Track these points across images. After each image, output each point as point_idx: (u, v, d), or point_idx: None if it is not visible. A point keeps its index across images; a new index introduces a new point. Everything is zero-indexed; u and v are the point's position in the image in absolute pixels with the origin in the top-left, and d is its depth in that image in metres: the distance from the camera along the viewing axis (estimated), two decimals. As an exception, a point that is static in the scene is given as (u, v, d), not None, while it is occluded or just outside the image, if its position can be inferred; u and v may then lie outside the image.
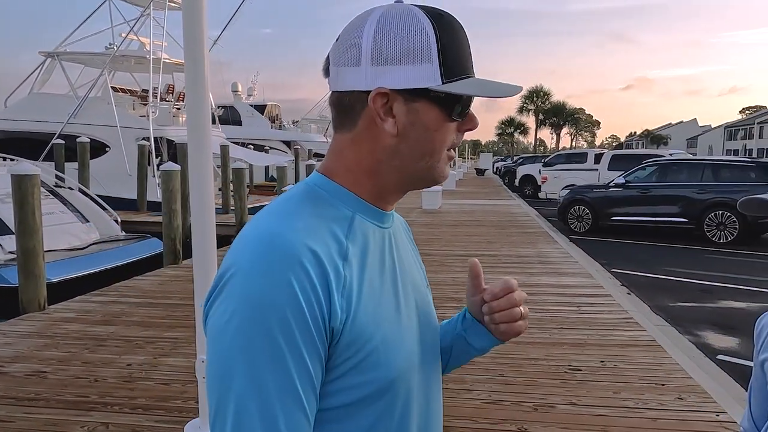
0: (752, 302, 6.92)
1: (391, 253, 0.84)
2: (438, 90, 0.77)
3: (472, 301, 0.97)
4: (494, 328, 0.93)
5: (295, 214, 0.76)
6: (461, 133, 0.83)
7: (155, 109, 16.96)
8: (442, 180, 0.84)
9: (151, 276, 7.68)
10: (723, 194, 11.41)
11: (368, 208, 0.83)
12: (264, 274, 0.70)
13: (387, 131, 0.78)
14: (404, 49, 0.76)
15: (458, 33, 0.79)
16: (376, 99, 0.77)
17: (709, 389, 3.81)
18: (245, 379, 0.68)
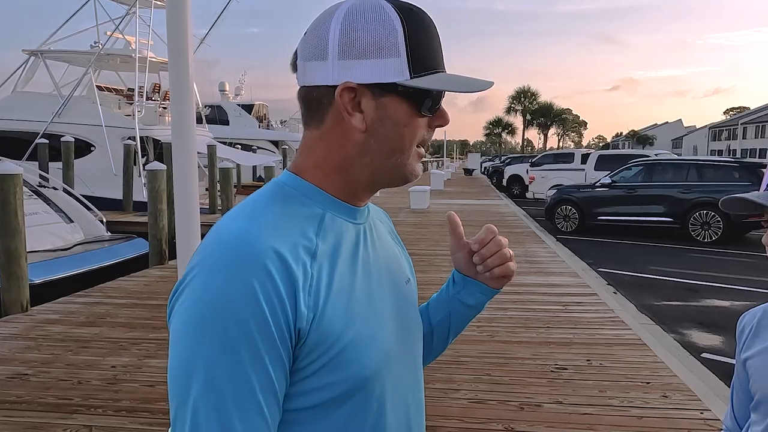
0: (736, 301, 7.00)
1: (365, 249, 0.83)
2: (406, 85, 0.76)
3: (456, 257, 0.99)
4: (488, 276, 0.96)
5: (261, 214, 0.75)
6: (432, 130, 0.82)
7: (141, 109, 16.79)
8: (413, 178, 0.83)
9: (136, 276, 7.61)
10: (707, 194, 11.53)
11: (339, 204, 0.82)
12: (225, 277, 0.69)
13: (355, 126, 0.77)
14: (371, 43, 0.75)
15: (428, 28, 0.78)
16: (343, 93, 0.76)
17: (694, 387, 3.85)
18: (203, 384, 0.67)
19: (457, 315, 1.01)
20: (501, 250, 0.94)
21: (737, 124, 67.14)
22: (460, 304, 1.00)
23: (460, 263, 0.99)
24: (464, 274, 0.99)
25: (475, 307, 1.00)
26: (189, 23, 2.84)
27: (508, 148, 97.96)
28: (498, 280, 0.96)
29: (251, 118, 30.45)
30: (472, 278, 0.98)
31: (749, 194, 0.96)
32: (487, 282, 0.97)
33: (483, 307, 1.01)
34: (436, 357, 1.07)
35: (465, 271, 0.99)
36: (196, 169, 3.09)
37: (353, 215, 0.83)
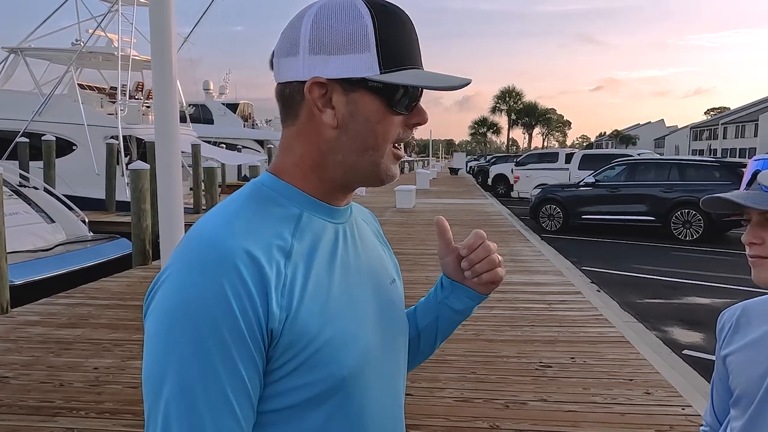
0: (716, 298, 7.11)
1: (345, 249, 0.83)
2: (375, 80, 0.75)
3: (445, 262, 0.98)
4: (476, 281, 0.95)
5: (236, 215, 0.76)
6: (409, 129, 0.81)
7: (124, 107, 16.61)
8: (389, 179, 0.82)
9: (119, 277, 7.53)
10: (689, 193, 11.69)
11: (317, 204, 0.81)
12: (196, 278, 0.69)
13: (326, 123, 0.77)
14: (341, 38, 0.75)
15: (401, 23, 0.78)
16: (313, 89, 0.76)
17: (675, 384, 3.90)
18: (175, 386, 0.67)
19: (445, 319, 1.01)
20: (489, 255, 0.93)
21: (718, 124, 68.18)
22: (448, 308, 0.99)
23: (448, 268, 0.98)
24: (452, 279, 0.98)
25: (462, 312, 0.99)
26: (172, 21, 2.81)
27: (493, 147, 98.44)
28: (486, 285, 0.96)
29: (236, 117, 30.28)
30: (460, 283, 0.97)
31: (729, 194, 0.97)
32: (475, 287, 0.97)
33: (471, 312, 1.00)
34: (424, 360, 1.07)
35: (453, 276, 0.98)
36: (179, 168, 3.07)
37: (332, 215, 0.83)
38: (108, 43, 17.90)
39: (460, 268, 0.96)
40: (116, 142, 15.05)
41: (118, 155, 15.00)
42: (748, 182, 0.99)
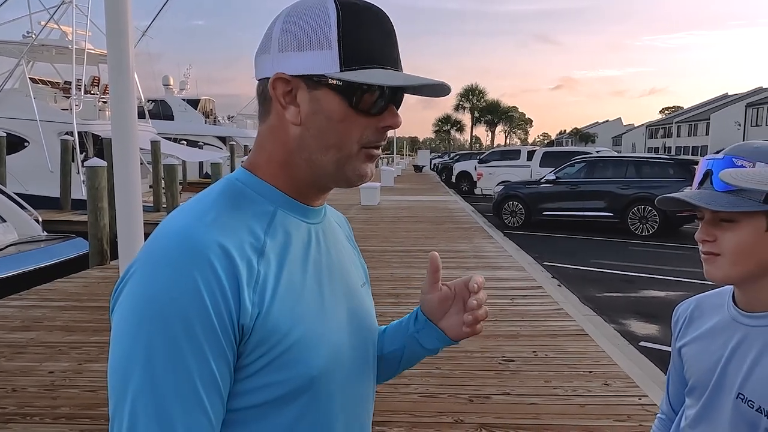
0: (671, 291, 7.35)
1: (318, 249, 0.83)
2: (335, 77, 0.74)
3: (426, 298, 0.94)
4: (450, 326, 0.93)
5: (209, 210, 0.75)
6: (381, 131, 0.79)
7: (79, 102, 16.08)
8: (358, 179, 0.80)
9: (76, 278, 7.30)
10: (645, 189, 12.06)
11: (291, 202, 0.81)
12: (168, 271, 0.68)
13: (289, 119, 0.77)
14: (304, 34, 0.75)
15: (371, 22, 0.76)
16: (276, 85, 0.76)
17: (632, 374, 4.02)
18: (143, 379, 0.66)
19: (410, 352, 0.99)
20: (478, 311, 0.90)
21: (672, 122, 70.46)
22: (417, 343, 0.97)
23: (428, 305, 0.95)
24: (428, 317, 0.96)
25: (429, 350, 0.98)
26: (129, 12, 2.73)
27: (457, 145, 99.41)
28: (462, 332, 0.93)
29: (197, 114, 29.72)
30: (434, 323, 0.95)
31: (682, 194, 1.00)
32: (448, 330, 0.94)
33: (438, 352, 0.98)
34: (379, 384, 1.04)
35: (430, 314, 0.95)
36: (138, 165, 2.99)
37: (306, 214, 0.83)
38: (62, 36, 17.29)
39: (440, 307, 0.93)
40: (71, 139, 14.58)
41: (73, 152, 14.52)
42: (700, 181, 1.01)
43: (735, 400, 0.97)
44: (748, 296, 1.00)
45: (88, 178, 8.57)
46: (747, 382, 0.96)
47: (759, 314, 0.98)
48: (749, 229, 0.94)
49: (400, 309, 5.65)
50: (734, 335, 1.01)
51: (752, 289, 0.99)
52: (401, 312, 5.54)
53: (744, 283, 0.99)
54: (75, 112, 15.52)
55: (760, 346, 0.96)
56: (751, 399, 0.95)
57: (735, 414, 0.97)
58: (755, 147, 0.98)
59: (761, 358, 0.95)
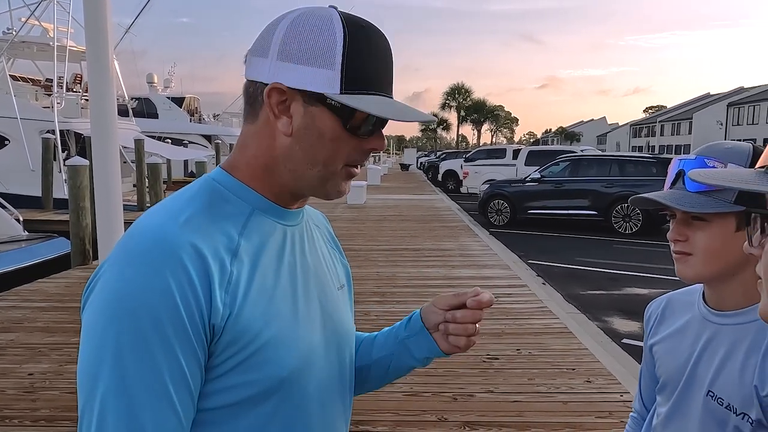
0: (654, 288, 7.44)
1: (293, 252, 0.83)
2: (335, 99, 0.75)
3: (433, 309, 0.93)
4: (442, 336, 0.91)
5: (184, 209, 0.75)
6: (366, 152, 0.80)
7: (61, 100, 15.87)
8: (336, 195, 0.82)
9: (57, 278, 7.20)
10: (628, 188, 12.18)
11: (268, 204, 0.81)
12: (139, 270, 0.68)
13: (280, 129, 0.77)
14: (309, 49, 0.75)
15: (375, 47, 0.77)
16: (272, 94, 0.76)
17: (614, 371, 4.06)
18: (112, 378, 0.66)
19: (399, 360, 0.97)
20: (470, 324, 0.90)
21: (656, 121, 71.27)
22: (406, 349, 0.95)
23: (431, 314, 0.93)
24: (424, 324, 0.94)
25: (418, 360, 0.95)
26: (108, 8, 2.70)
27: (443, 143, 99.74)
28: (450, 346, 0.92)
29: (182, 112, 29.47)
30: (430, 332, 0.93)
31: (654, 194, 1.01)
32: (440, 342, 0.92)
33: (425, 364, 0.96)
34: (368, 392, 1.04)
35: (428, 323, 0.93)
36: (118, 163, 2.96)
37: (283, 216, 0.83)
38: (43, 33, 17.05)
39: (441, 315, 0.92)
40: (53, 137, 14.38)
41: (55, 150, 14.33)
42: (672, 181, 1.02)
43: (705, 398, 0.98)
44: (718, 295, 1.01)
45: (69, 177, 8.47)
46: (716, 380, 0.97)
47: (728, 313, 0.99)
48: (720, 230, 0.95)
49: (385, 308, 5.65)
50: (704, 333, 1.02)
51: (722, 288, 1.00)
52: (386, 310, 5.54)
53: (714, 282, 1.00)
54: (57, 110, 15.31)
55: (729, 344, 0.97)
56: (721, 396, 0.96)
57: (705, 411, 0.98)
58: (727, 147, 0.99)
59: (730, 356, 0.96)
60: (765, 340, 0.92)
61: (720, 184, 0.56)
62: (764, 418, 0.90)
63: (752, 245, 0.57)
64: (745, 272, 0.95)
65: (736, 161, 0.96)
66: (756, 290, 0.60)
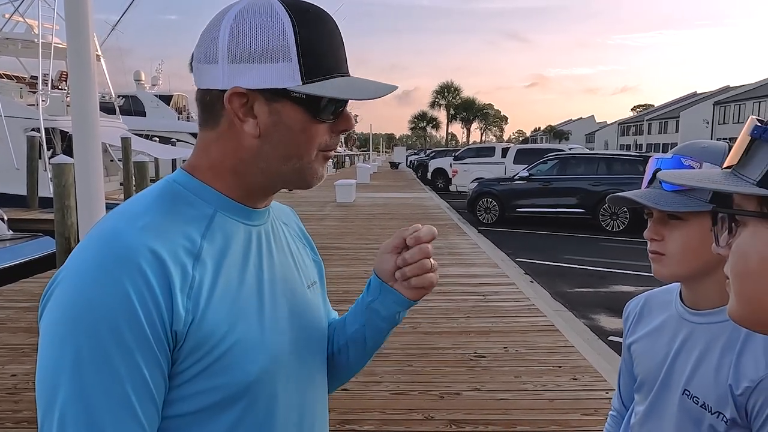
0: (640, 286, 7.49)
1: (259, 252, 0.81)
2: (298, 91, 0.73)
3: (383, 258, 0.89)
4: (405, 285, 0.87)
5: (143, 213, 0.73)
6: (336, 134, 0.79)
7: (46, 98, 15.70)
8: (316, 182, 0.80)
9: (42, 278, 7.11)
10: (615, 186, 12.23)
11: (232, 205, 0.79)
12: (96, 276, 0.66)
13: (248, 132, 0.75)
14: (260, 46, 0.73)
15: (325, 28, 0.75)
16: (233, 99, 0.74)
17: (600, 369, 4.08)
18: (71, 388, 0.64)
19: (372, 327, 0.92)
20: (423, 259, 0.85)
21: (643, 120, 71.81)
22: (375, 313, 0.90)
23: (383, 264, 0.89)
24: (382, 279, 0.89)
25: (388, 318, 0.90)
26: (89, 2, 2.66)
27: (433, 141, 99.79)
28: (415, 290, 0.87)
29: (169, 110, 29.27)
30: (389, 285, 0.89)
31: (631, 193, 1.01)
32: (403, 291, 0.88)
33: (398, 319, 0.91)
34: (355, 373, 1.01)
35: (384, 275, 0.89)
36: (100, 162, 2.93)
37: (248, 217, 0.81)
38: (27, 30, 16.85)
39: (395, 268, 0.88)
40: (38, 135, 14.22)
41: (40, 149, 14.17)
42: (649, 180, 1.03)
43: (681, 397, 0.99)
44: (694, 294, 1.01)
45: (54, 176, 8.38)
46: (692, 379, 0.97)
47: (704, 312, 1.00)
48: (696, 228, 0.96)
49: (373, 306, 5.64)
50: (681, 332, 1.02)
51: (698, 287, 1.00)
52: (374, 309, 5.53)
53: (690, 281, 1.01)
54: (42, 107, 15.14)
55: (705, 343, 0.98)
56: (696, 395, 0.96)
57: (681, 410, 0.99)
58: (703, 147, 1.00)
59: (706, 355, 0.97)
60: (740, 339, 0.92)
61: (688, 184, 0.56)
62: (738, 416, 0.91)
63: (719, 245, 0.57)
64: (720, 271, 0.96)
65: (711, 160, 0.97)
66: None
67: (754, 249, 0.52)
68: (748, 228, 0.52)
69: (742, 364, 0.91)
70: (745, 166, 0.53)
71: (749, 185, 0.51)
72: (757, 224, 0.51)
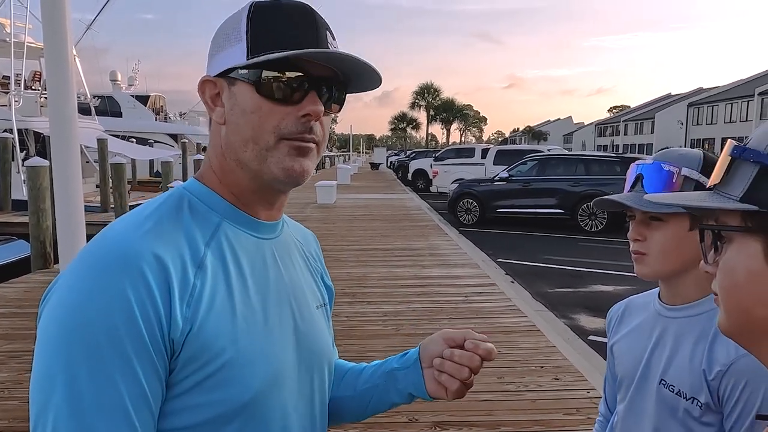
0: (619, 286, 7.60)
1: (265, 266, 0.79)
2: (241, 66, 0.74)
3: (435, 340, 0.87)
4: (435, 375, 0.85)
5: (149, 218, 0.73)
6: (301, 121, 0.74)
7: (18, 98, 15.36)
8: (285, 174, 0.74)
9: (16, 283, 6.97)
10: (593, 187, 12.43)
11: (238, 214, 0.78)
12: (96, 279, 0.66)
13: (216, 121, 0.77)
14: (221, 36, 0.78)
15: (285, 11, 0.74)
16: (204, 88, 0.78)
17: (581, 368, 4.13)
18: (65, 393, 0.63)
19: (382, 393, 0.91)
20: (466, 367, 0.83)
21: (620, 121, 72.87)
22: (393, 381, 0.89)
23: (431, 345, 0.87)
24: (422, 355, 0.88)
25: (400, 393, 0.89)
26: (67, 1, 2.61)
27: (413, 142, 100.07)
28: (438, 387, 0.85)
29: (147, 110, 28.87)
30: (423, 366, 0.87)
31: (616, 196, 1.08)
32: (428, 381, 0.86)
33: (408, 400, 0.90)
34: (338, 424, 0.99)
35: (425, 354, 0.87)
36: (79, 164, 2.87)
37: (256, 228, 0.79)
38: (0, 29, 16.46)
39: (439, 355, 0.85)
40: (10, 136, 13.89)
41: (13, 150, 13.85)
42: (632, 185, 1.09)
43: (658, 387, 1.05)
44: (671, 291, 1.08)
45: (29, 178, 8.20)
46: (668, 369, 1.03)
47: (680, 306, 1.06)
48: (675, 229, 1.02)
49: (355, 308, 5.63)
50: (658, 327, 1.09)
51: (677, 284, 1.07)
52: (357, 312, 5.52)
53: (670, 279, 1.07)
54: (14, 108, 14.80)
55: (679, 335, 1.04)
56: (672, 384, 1.02)
57: (658, 399, 1.04)
58: (680, 153, 1.07)
59: (681, 345, 1.03)
60: (712, 328, 0.98)
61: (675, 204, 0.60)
62: (712, 401, 0.96)
63: (707, 263, 0.59)
64: (696, 269, 1.01)
65: (689, 165, 1.04)
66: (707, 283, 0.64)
67: (740, 263, 0.54)
68: (734, 244, 0.55)
69: (715, 351, 0.97)
70: (726, 184, 0.55)
71: (733, 201, 0.53)
72: (742, 239, 0.54)
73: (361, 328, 5.02)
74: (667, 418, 1.02)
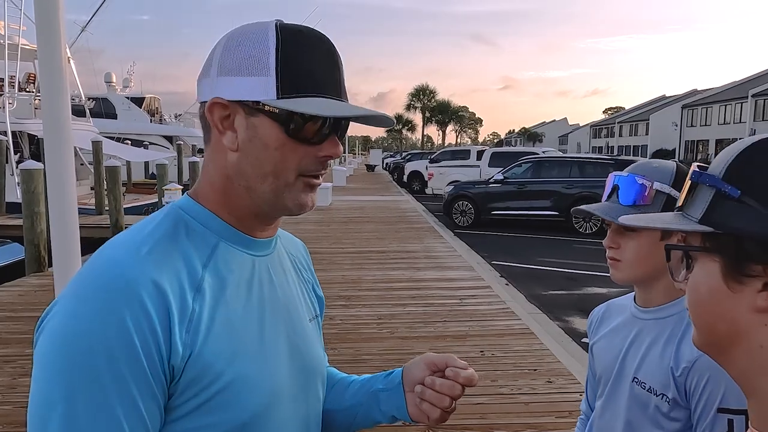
0: (613, 288, 7.62)
1: (260, 285, 0.80)
2: (271, 105, 0.73)
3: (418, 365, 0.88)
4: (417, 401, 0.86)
5: (144, 241, 0.72)
6: (320, 160, 0.77)
7: (13, 101, 15.29)
8: (298, 209, 0.77)
9: (10, 286, 6.95)
10: (588, 189, 12.47)
11: (234, 233, 0.79)
12: (95, 307, 0.66)
13: (226, 146, 0.76)
14: (243, 60, 0.74)
15: (312, 49, 0.75)
16: (213, 109, 0.75)
17: (574, 371, 4.15)
18: (63, 419, 0.63)
19: (366, 411, 0.92)
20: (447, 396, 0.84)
21: (615, 122, 73.09)
22: (375, 401, 0.90)
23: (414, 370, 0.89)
24: (405, 378, 0.89)
25: (383, 414, 0.90)
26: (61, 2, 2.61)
27: (409, 144, 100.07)
28: (419, 412, 0.86)
29: (141, 112, 28.79)
30: (405, 389, 0.88)
31: (591, 206, 1.16)
32: (410, 405, 0.87)
33: (391, 421, 0.91)
34: None
35: (408, 378, 0.89)
36: (73, 167, 2.86)
37: (251, 246, 0.80)
38: (-7, 30, 16.38)
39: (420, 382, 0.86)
40: (5, 139, 13.85)
41: (7, 153, 13.80)
42: (608, 194, 1.16)
43: (631, 384, 1.11)
44: (645, 295, 1.15)
45: (23, 182, 8.18)
46: (641, 368, 1.10)
47: (652, 309, 1.13)
48: (648, 239, 1.09)
49: (350, 312, 5.64)
50: (634, 329, 1.16)
51: (649, 289, 1.14)
52: (351, 315, 5.54)
53: (643, 284, 1.14)
54: (8, 110, 14.74)
55: (652, 336, 1.11)
56: (644, 381, 1.08)
57: (631, 396, 1.11)
58: (654, 167, 1.14)
59: (652, 346, 1.10)
60: (681, 329, 1.06)
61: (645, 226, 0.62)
62: (679, 396, 1.03)
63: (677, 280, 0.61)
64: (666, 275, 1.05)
65: (661, 179, 1.10)
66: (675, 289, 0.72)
67: (702, 281, 0.57)
68: (698, 262, 0.58)
69: (682, 350, 1.04)
70: (689, 206, 0.59)
71: (693, 223, 0.57)
72: (703, 258, 0.57)
73: (356, 332, 5.03)
74: (639, 413, 1.09)
